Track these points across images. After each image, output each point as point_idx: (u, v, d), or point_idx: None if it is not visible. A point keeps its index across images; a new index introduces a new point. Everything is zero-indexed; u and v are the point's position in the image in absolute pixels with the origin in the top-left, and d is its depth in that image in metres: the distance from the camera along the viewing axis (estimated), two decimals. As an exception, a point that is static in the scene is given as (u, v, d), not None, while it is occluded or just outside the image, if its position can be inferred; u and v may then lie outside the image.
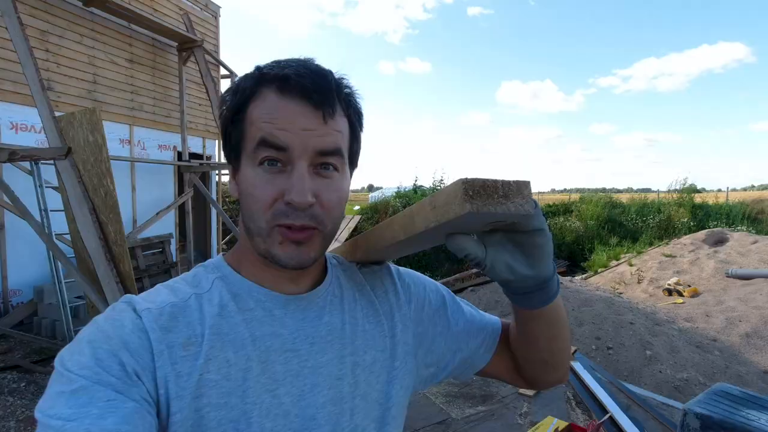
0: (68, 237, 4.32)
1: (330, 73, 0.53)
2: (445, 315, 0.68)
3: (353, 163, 0.58)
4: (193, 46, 7.28)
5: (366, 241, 0.62)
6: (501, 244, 0.46)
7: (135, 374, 0.45)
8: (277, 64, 0.53)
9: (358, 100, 0.56)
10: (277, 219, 0.49)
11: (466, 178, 0.36)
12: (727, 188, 16.49)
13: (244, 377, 0.50)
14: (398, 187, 15.48)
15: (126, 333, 0.46)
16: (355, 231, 11.77)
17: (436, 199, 0.40)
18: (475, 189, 0.36)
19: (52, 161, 3.73)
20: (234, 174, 0.56)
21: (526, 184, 0.38)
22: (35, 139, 5.34)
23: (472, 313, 0.71)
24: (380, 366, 0.60)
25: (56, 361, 0.45)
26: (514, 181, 0.37)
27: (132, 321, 0.48)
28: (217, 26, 8.64)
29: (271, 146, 0.49)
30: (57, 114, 3.77)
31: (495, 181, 0.37)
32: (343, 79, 0.54)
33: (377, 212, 13.24)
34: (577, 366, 3.54)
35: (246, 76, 0.54)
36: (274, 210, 0.49)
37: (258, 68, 0.54)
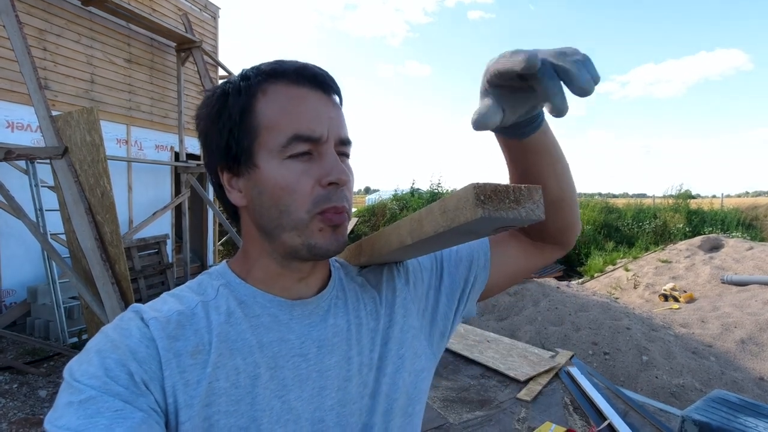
0: (63, 237, 4.28)
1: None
2: (438, 271, 0.68)
3: None
4: (191, 46, 7.26)
5: (371, 246, 0.62)
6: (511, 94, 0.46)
7: (143, 383, 0.45)
8: (283, 62, 0.54)
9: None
10: (319, 205, 0.50)
11: (478, 183, 0.36)
12: (722, 194, 16.60)
13: (253, 384, 0.50)
14: (395, 190, 15.48)
15: (134, 342, 0.46)
16: (352, 233, 11.75)
17: (446, 203, 0.39)
18: (486, 194, 0.36)
19: (48, 160, 3.70)
20: (230, 180, 0.54)
21: (536, 189, 0.38)
22: (31, 138, 5.30)
23: (459, 248, 0.70)
24: (387, 362, 0.60)
25: (65, 372, 0.45)
26: (525, 186, 0.37)
27: (139, 330, 0.47)
28: (216, 27, 8.62)
29: (306, 140, 0.50)
30: (54, 113, 3.74)
31: (506, 186, 0.37)
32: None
33: (374, 215, 13.22)
34: (575, 371, 3.54)
35: (245, 75, 0.53)
36: (315, 197, 0.50)
37: (256, 68, 0.54)
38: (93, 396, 0.42)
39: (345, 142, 0.54)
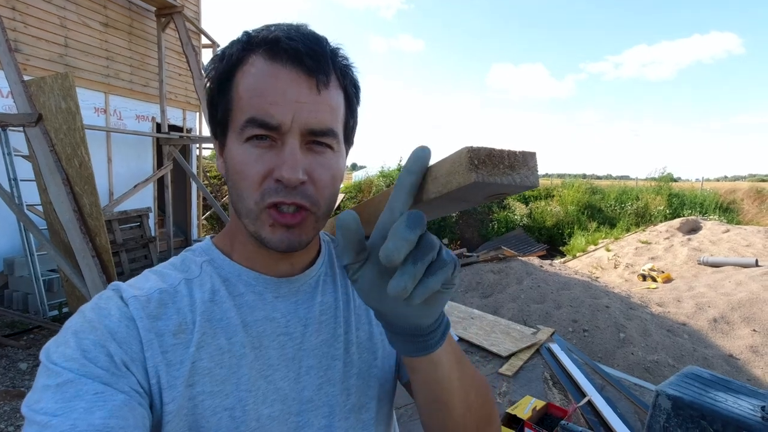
0: (40, 208, 4.15)
1: (325, 38, 0.49)
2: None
3: (348, 141, 0.55)
4: (172, 11, 6.93)
5: (360, 213, 0.60)
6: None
7: (123, 365, 0.43)
8: (267, 27, 0.48)
9: (355, 72, 0.52)
10: (266, 198, 0.46)
11: (472, 147, 0.34)
12: (702, 178, 17.00)
13: (238, 364, 0.49)
14: (382, 167, 15.37)
15: (113, 322, 0.44)
16: (338, 209, 11.71)
17: (438, 168, 0.37)
18: (480, 158, 0.33)
19: (21, 128, 3.53)
20: (221, 150, 0.52)
21: (532, 156, 0.36)
22: (2, 104, 5.05)
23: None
24: (375, 341, 0.59)
25: (42, 354, 0.43)
26: (520, 152, 0.36)
27: (119, 309, 0.45)
28: (198, -8, 8.24)
29: (261, 125, 0.45)
30: (26, 78, 3.55)
31: (501, 151, 0.35)
32: (339, 48, 0.50)
33: (360, 191, 13.17)
34: (555, 347, 3.64)
35: (233, 41, 0.49)
36: (264, 189, 0.46)
37: (246, 32, 0.49)
38: (71, 379, 0.40)
39: (319, 133, 0.47)
